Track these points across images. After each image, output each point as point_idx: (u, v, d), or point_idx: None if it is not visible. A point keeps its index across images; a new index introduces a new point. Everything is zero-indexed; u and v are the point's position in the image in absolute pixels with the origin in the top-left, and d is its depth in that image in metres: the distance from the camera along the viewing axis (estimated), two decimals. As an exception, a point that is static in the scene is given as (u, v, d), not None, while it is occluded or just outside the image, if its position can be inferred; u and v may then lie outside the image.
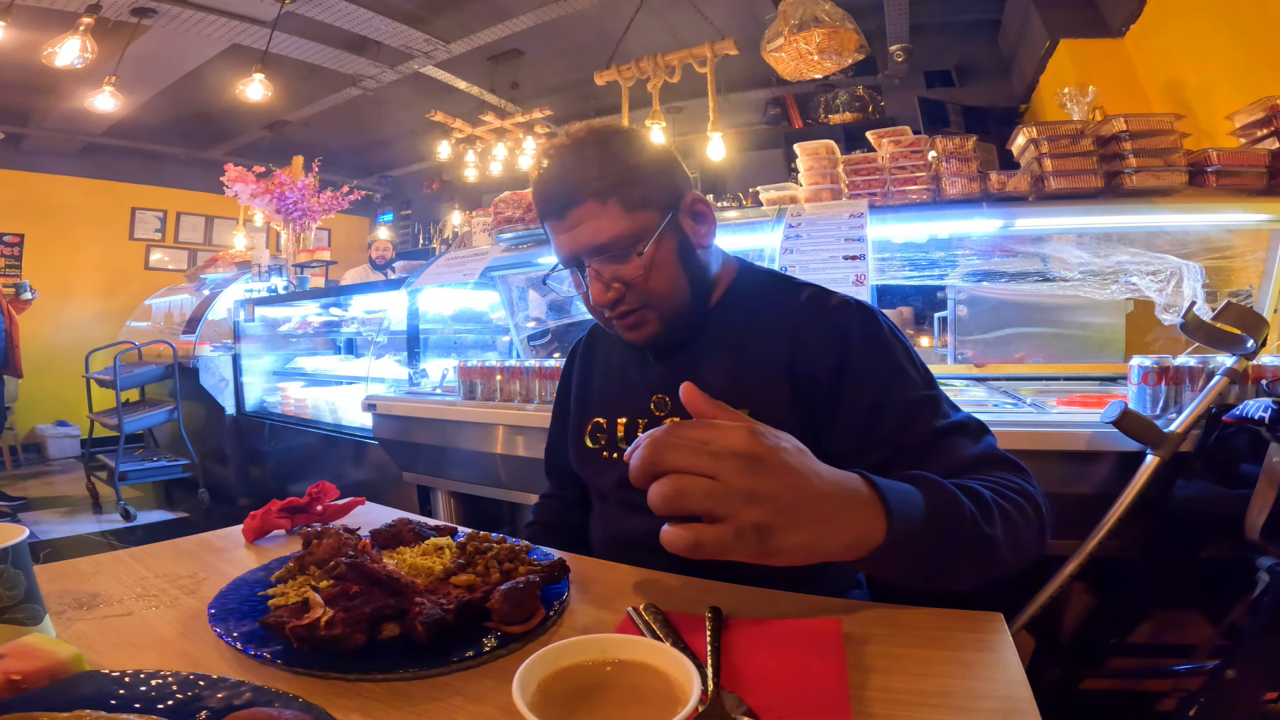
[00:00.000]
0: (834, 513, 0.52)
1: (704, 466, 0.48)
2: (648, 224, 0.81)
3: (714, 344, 0.88)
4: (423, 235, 7.71)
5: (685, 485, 0.47)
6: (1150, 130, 1.77)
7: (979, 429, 0.78)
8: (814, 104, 5.52)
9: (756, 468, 0.48)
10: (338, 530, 0.77)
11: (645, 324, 0.86)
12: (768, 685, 0.50)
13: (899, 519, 0.54)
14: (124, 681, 0.49)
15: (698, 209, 0.87)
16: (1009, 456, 0.75)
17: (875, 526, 0.53)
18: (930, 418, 0.76)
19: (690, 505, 0.47)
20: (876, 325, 0.83)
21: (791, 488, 0.50)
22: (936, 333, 2.76)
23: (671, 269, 0.83)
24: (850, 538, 0.52)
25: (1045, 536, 0.69)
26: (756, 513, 0.48)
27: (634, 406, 0.92)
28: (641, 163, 0.81)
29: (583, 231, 0.80)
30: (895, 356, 0.81)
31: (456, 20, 4.56)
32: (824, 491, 0.51)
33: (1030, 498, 0.69)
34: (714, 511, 0.47)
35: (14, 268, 5.85)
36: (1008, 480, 0.70)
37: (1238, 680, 1.16)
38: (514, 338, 3.08)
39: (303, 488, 1.01)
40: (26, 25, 3.82)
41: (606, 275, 0.82)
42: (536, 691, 0.42)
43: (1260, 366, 1.40)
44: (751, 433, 0.50)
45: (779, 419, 0.80)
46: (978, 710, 0.48)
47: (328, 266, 4.24)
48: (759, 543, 0.48)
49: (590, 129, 0.83)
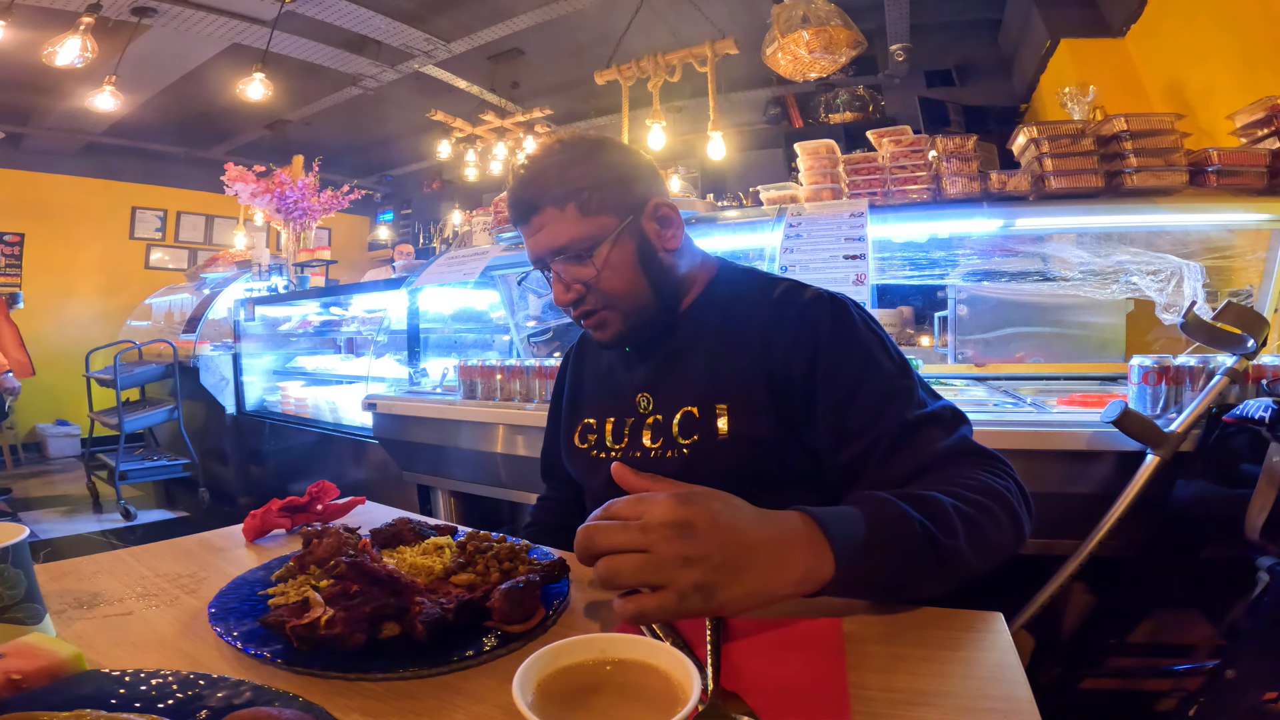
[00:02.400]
0: (773, 557, 0.53)
1: (635, 542, 0.51)
2: (605, 227, 0.85)
3: (692, 343, 0.90)
4: (423, 235, 7.70)
5: (618, 564, 0.51)
6: (1151, 130, 1.77)
7: (954, 419, 0.78)
8: (814, 103, 5.52)
9: (686, 533, 0.51)
10: (338, 529, 0.77)
11: (609, 324, 0.89)
12: (768, 685, 0.50)
13: (844, 551, 0.55)
14: (124, 681, 0.49)
15: (662, 213, 0.89)
16: (981, 448, 0.75)
17: (822, 562, 0.55)
18: (902, 409, 0.76)
19: (626, 582, 0.51)
20: (848, 317, 0.83)
21: (724, 545, 0.51)
22: (936, 332, 2.77)
23: (629, 271, 0.86)
24: (797, 576, 0.54)
25: (1022, 530, 0.68)
26: (693, 575, 0.50)
27: (620, 406, 0.94)
28: (601, 170, 0.85)
29: (544, 235, 0.86)
30: (867, 348, 0.81)
31: (456, 19, 4.56)
32: (760, 540, 0.53)
33: (998, 495, 0.68)
34: (650, 582, 0.50)
35: (14, 267, 5.85)
36: (975, 478, 0.69)
37: (1238, 680, 1.16)
38: (514, 337, 3.08)
39: (303, 487, 1.01)
40: (27, 25, 3.82)
41: (567, 276, 0.87)
42: (536, 691, 0.42)
43: (1260, 366, 1.40)
44: (677, 500, 0.52)
45: (757, 415, 0.82)
46: (978, 710, 0.48)
47: (328, 266, 4.24)
48: (703, 601, 0.50)
49: (558, 140, 0.88)
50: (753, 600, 0.52)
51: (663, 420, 0.88)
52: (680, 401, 0.87)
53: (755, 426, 0.82)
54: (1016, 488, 0.71)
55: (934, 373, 2.21)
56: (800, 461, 0.82)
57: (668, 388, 0.90)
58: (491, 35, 4.68)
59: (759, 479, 0.80)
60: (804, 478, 0.82)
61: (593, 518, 0.54)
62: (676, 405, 0.87)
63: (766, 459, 0.83)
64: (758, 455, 0.82)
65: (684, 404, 0.86)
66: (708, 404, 0.85)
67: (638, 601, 0.51)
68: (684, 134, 5.28)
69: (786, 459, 0.82)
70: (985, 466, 0.72)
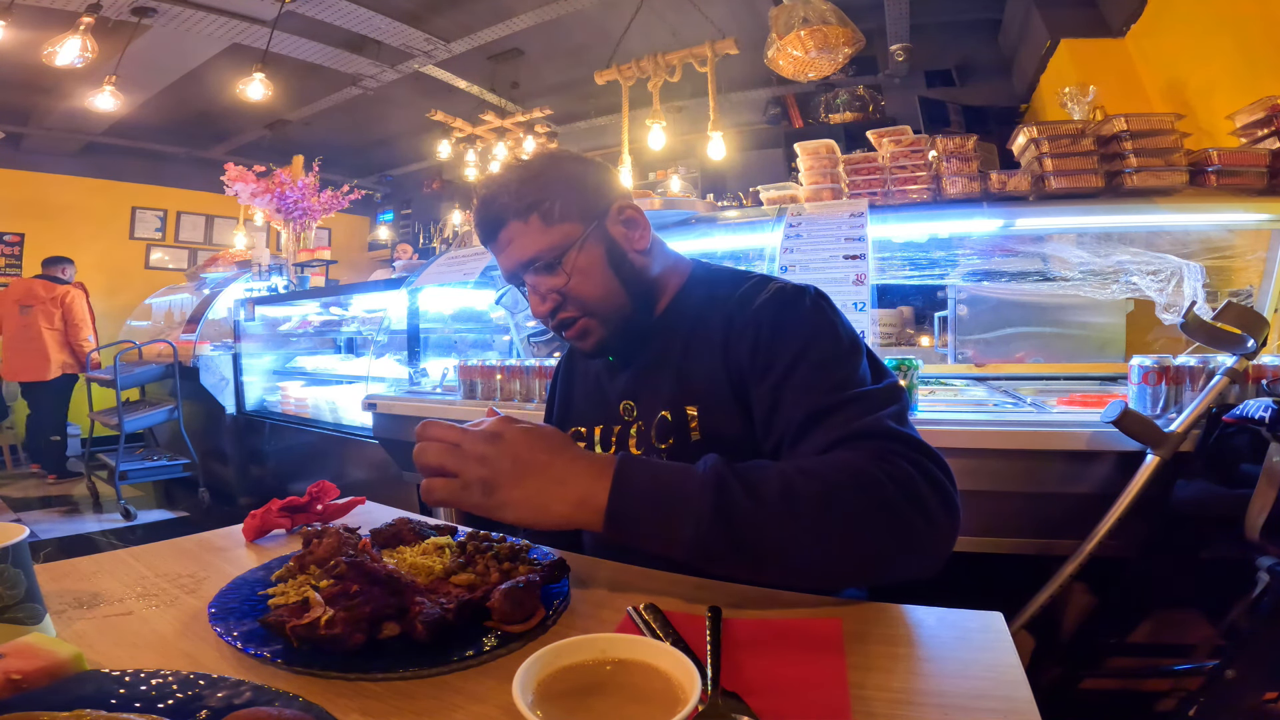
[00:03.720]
0: (559, 475, 0.63)
1: (452, 437, 0.64)
2: (569, 234, 0.85)
3: (668, 346, 0.90)
4: (423, 235, 7.70)
5: (427, 447, 0.64)
6: (1151, 130, 1.77)
7: (884, 400, 0.73)
8: (814, 103, 5.52)
9: (492, 440, 0.63)
10: (338, 529, 0.77)
11: (590, 332, 0.89)
12: (768, 685, 0.50)
13: (620, 486, 0.62)
14: (124, 681, 0.49)
15: (626, 215, 0.89)
16: (897, 432, 0.68)
17: (598, 491, 0.62)
18: (825, 393, 0.73)
19: (427, 460, 0.63)
20: (795, 306, 0.81)
21: (517, 455, 0.63)
22: (936, 332, 2.77)
23: (600, 274, 0.86)
24: (574, 496, 0.62)
25: (904, 523, 0.61)
26: (482, 470, 0.62)
27: (606, 414, 0.95)
28: (557, 180, 0.86)
29: (512, 250, 0.86)
30: (804, 336, 0.78)
31: (456, 19, 4.56)
32: (550, 461, 0.63)
33: (869, 481, 0.62)
34: (448, 468, 0.63)
35: (14, 267, 5.85)
36: (851, 460, 0.65)
37: (1238, 680, 1.16)
38: (514, 337, 3.08)
39: (303, 487, 1.01)
40: (27, 25, 3.82)
41: (542, 288, 0.87)
42: (536, 691, 0.42)
43: (1260, 366, 1.40)
44: (503, 419, 0.66)
45: (724, 414, 0.83)
46: (978, 710, 0.48)
47: (328, 265, 4.24)
48: (484, 494, 0.62)
49: (516, 160, 0.92)
50: (526, 509, 0.62)
51: (644, 427, 0.89)
52: (657, 407, 0.88)
53: (723, 426, 0.83)
54: (921, 477, 0.64)
55: (934, 373, 2.21)
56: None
57: (646, 394, 0.90)
58: (491, 35, 4.68)
59: None
60: None
61: None
62: (654, 411, 0.88)
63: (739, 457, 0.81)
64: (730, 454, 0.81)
65: (660, 409, 0.87)
66: (679, 407, 0.85)
67: (430, 480, 0.63)
68: (684, 134, 5.28)
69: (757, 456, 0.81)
70: (893, 451, 0.66)
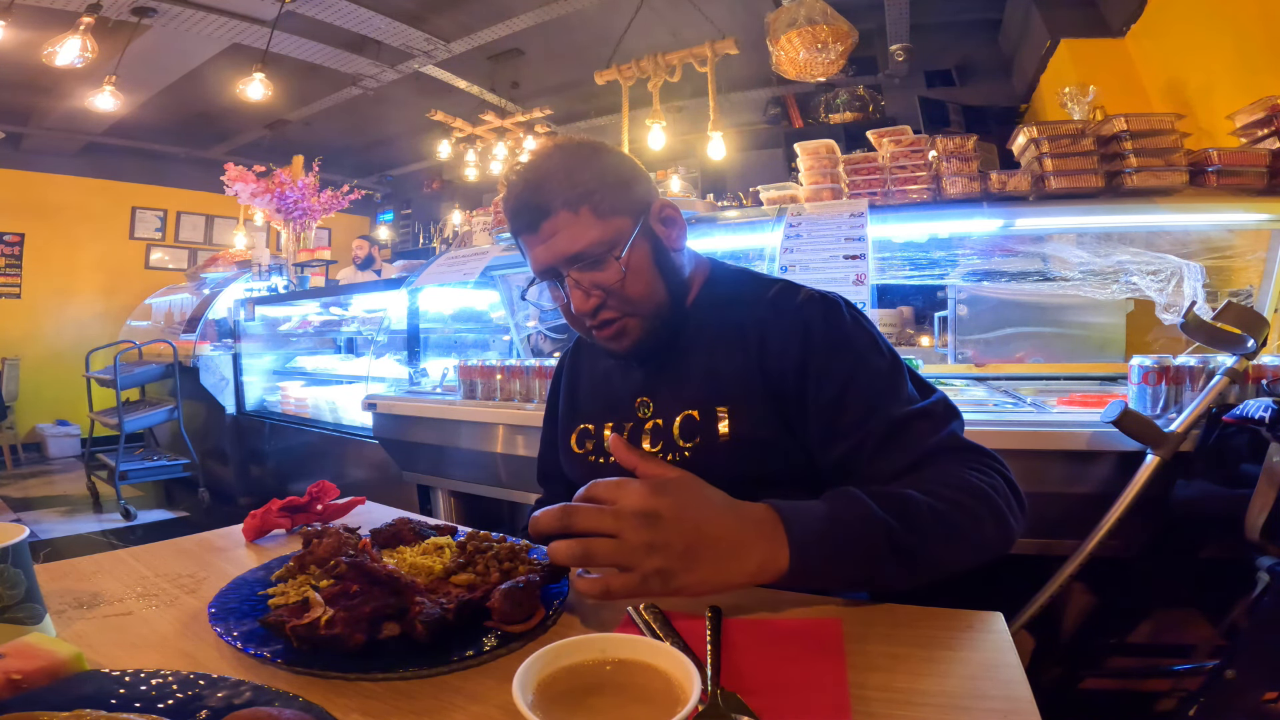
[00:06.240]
0: (731, 549, 0.59)
1: (607, 526, 0.58)
2: (621, 229, 0.82)
3: (691, 345, 0.89)
4: (423, 235, 7.70)
5: (592, 547, 0.58)
6: (1151, 130, 1.77)
7: (945, 414, 0.78)
8: (814, 103, 5.52)
9: (654, 522, 0.57)
10: (338, 529, 0.77)
11: (627, 332, 0.86)
12: (768, 685, 0.50)
13: (799, 545, 0.59)
14: (124, 681, 0.49)
15: (666, 214, 0.88)
16: (970, 444, 0.75)
17: (777, 555, 0.59)
18: (891, 406, 0.76)
19: (598, 563, 0.58)
20: (839, 316, 0.83)
21: (685, 535, 0.58)
22: (936, 332, 2.76)
23: (649, 273, 0.85)
24: (753, 567, 0.59)
25: (1007, 527, 0.68)
26: (655, 561, 0.57)
27: (619, 411, 0.93)
28: (608, 171, 0.83)
29: (558, 241, 0.81)
30: (858, 347, 0.81)
31: (456, 19, 4.56)
32: (720, 532, 0.59)
33: (980, 493, 0.68)
34: (620, 564, 0.57)
35: (14, 267, 5.85)
36: (958, 475, 0.70)
37: (1237, 680, 1.16)
38: (514, 337, 3.08)
39: (303, 487, 1.01)
40: (26, 25, 3.82)
41: (586, 283, 0.83)
42: (536, 691, 0.42)
43: (1260, 366, 1.40)
44: (650, 489, 0.59)
45: (757, 417, 0.83)
46: (978, 710, 0.48)
47: (328, 266, 4.24)
48: (662, 585, 0.57)
49: (555, 144, 0.85)
50: (708, 587, 0.58)
51: (663, 424, 0.88)
52: (680, 405, 0.87)
53: (756, 428, 0.82)
54: (1005, 484, 0.71)
55: (934, 373, 2.21)
56: (801, 462, 0.82)
57: (667, 391, 0.89)
58: (491, 35, 4.68)
59: (761, 480, 0.80)
60: (805, 478, 0.82)
61: (576, 498, 0.61)
62: (676, 409, 0.87)
63: (768, 460, 0.83)
64: (759, 456, 0.83)
65: (684, 407, 0.86)
66: (708, 406, 0.84)
67: (604, 581, 0.58)
68: (684, 134, 5.28)
69: (787, 460, 0.82)
70: (973, 463, 0.72)
